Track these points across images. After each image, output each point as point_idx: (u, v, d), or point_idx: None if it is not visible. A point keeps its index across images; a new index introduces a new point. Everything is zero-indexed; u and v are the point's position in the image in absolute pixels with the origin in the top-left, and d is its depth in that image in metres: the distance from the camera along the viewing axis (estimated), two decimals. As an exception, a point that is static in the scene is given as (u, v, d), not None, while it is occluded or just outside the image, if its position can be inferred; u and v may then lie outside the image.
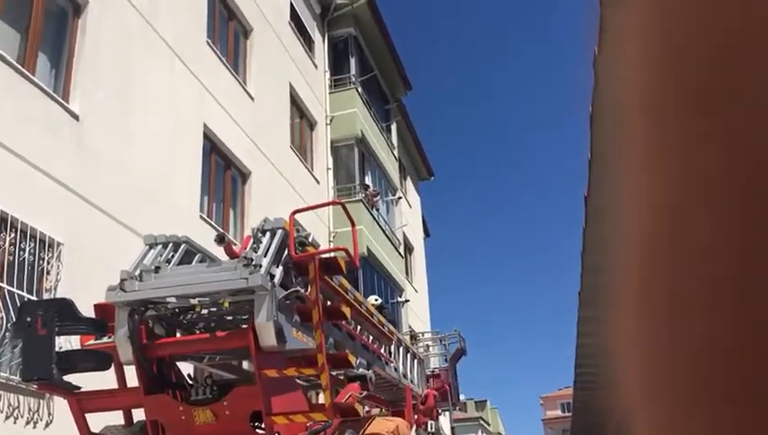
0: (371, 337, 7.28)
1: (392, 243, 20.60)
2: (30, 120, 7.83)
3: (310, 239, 5.48)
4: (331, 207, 16.12)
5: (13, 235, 7.23)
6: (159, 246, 5.37)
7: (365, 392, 6.59)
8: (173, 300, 5.07)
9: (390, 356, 8.15)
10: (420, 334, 17.79)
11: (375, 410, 8.02)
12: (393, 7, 59.60)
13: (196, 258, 5.64)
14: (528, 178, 63.85)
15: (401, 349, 8.83)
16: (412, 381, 9.13)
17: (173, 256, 5.38)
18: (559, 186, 63.89)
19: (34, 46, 8.39)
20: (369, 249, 16.96)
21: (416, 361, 9.66)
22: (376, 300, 14.09)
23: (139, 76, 10.17)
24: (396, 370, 8.31)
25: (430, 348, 14.87)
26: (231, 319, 5.25)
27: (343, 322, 6.02)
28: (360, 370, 6.48)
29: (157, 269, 5.05)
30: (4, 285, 7.01)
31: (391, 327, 8.41)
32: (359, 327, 6.84)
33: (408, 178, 27.81)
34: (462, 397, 23.09)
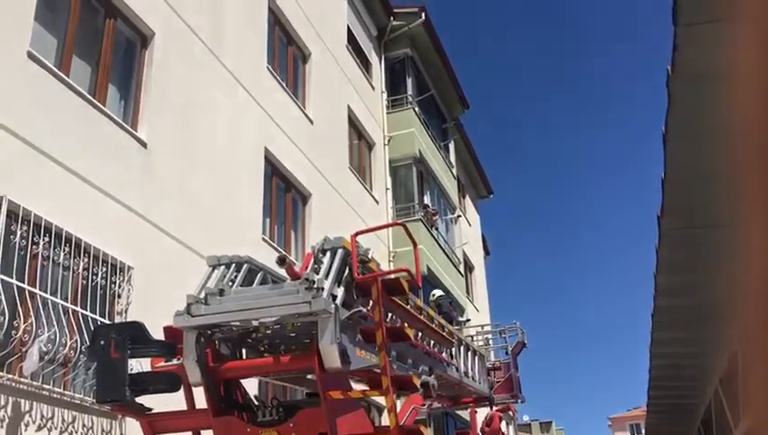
0: (432, 341, 7.24)
1: (452, 262, 20.49)
2: (101, 148, 8.14)
3: (369, 256, 5.50)
4: (390, 227, 16.15)
5: (86, 260, 7.49)
6: (222, 267, 5.49)
7: (427, 403, 6.55)
8: (238, 323, 5.16)
9: (452, 357, 8.11)
10: (480, 327, 17.69)
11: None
12: (449, 25, 59.84)
13: (258, 276, 5.72)
14: (595, 195, 62.67)
15: (461, 347, 8.77)
16: (473, 378, 9.08)
17: (236, 277, 5.48)
18: (628, 204, 62.52)
19: (104, 78, 8.74)
20: (428, 268, 16.91)
21: (476, 357, 9.59)
22: (440, 296, 14.06)
23: (202, 103, 10.47)
24: (457, 369, 8.28)
25: (490, 341, 14.74)
26: (295, 335, 5.31)
27: None
28: (423, 377, 6.45)
29: (221, 292, 5.15)
30: (79, 309, 7.26)
31: (451, 327, 8.37)
32: (419, 334, 6.80)
33: (467, 197, 27.67)
34: (526, 417, 22.64)
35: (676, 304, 6.38)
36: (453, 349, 8.21)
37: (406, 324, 6.19)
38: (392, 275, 5.46)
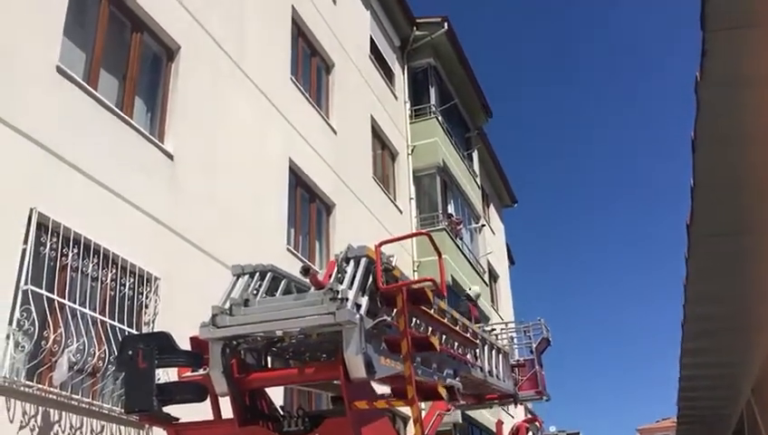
0: (456, 343, 7.19)
1: (476, 271, 20.40)
2: (128, 160, 8.25)
3: (393, 263, 5.49)
4: (415, 237, 16.13)
5: (114, 271, 7.58)
6: (247, 276, 5.51)
7: (452, 408, 6.51)
8: (262, 334, 5.17)
9: (476, 358, 8.06)
10: (504, 325, 17.59)
11: None
12: (473, 33, 59.75)
13: (282, 284, 5.73)
14: (622, 202, 62.03)
15: (485, 347, 8.71)
16: (498, 377, 9.03)
17: (260, 285, 5.50)
18: (657, 210, 61.76)
19: (132, 91, 8.86)
20: (453, 278, 16.85)
21: (500, 355, 9.53)
22: (477, 295, 13.93)
23: (228, 114, 10.58)
24: (481, 369, 8.23)
25: (514, 339, 14.67)
26: (320, 343, 5.31)
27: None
28: (448, 381, 6.41)
29: (246, 302, 5.17)
30: (107, 319, 7.34)
31: (475, 327, 8.33)
32: (443, 337, 6.76)
33: (491, 206, 27.57)
34: (553, 428, 22.39)
35: (707, 313, 6.29)
36: (477, 349, 8.16)
37: (430, 332, 6.17)
38: (417, 285, 5.43)
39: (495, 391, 9.39)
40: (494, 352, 9.16)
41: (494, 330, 12.92)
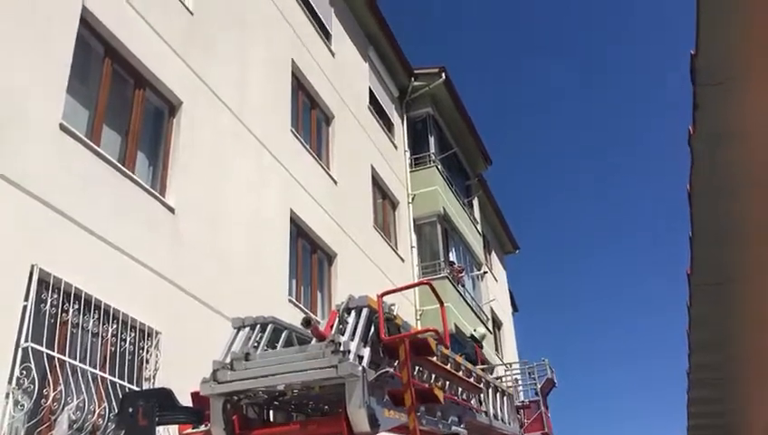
0: (460, 388, 7.09)
1: (479, 319, 20.27)
2: (130, 215, 8.29)
3: (394, 312, 5.46)
4: (416, 287, 16.08)
5: (115, 326, 7.54)
6: (247, 329, 5.47)
7: None
8: (264, 388, 5.11)
9: (480, 403, 7.93)
10: (508, 365, 17.35)
11: None
12: (470, 80, 60.61)
13: (282, 335, 5.69)
14: (623, 250, 61.92)
15: (490, 390, 8.60)
16: (503, 420, 8.89)
17: (261, 338, 5.46)
18: (658, 258, 61.59)
19: (134, 146, 8.96)
20: (456, 326, 16.73)
21: (505, 397, 9.40)
22: (482, 335, 13.77)
23: (229, 168, 10.67)
24: (486, 414, 8.10)
25: (519, 380, 14.48)
26: (322, 395, 5.24)
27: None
28: (453, 428, 6.31)
29: (247, 356, 5.13)
30: (107, 376, 7.28)
31: (479, 371, 8.24)
32: (447, 384, 6.67)
33: (493, 252, 27.55)
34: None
35: (712, 361, 6.25)
36: (482, 394, 8.06)
37: (433, 381, 6.10)
38: (420, 336, 5.40)
39: (501, 434, 9.25)
40: (498, 394, 9.06)
41: (496, 373, 12.82)
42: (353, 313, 5.13)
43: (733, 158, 3.42)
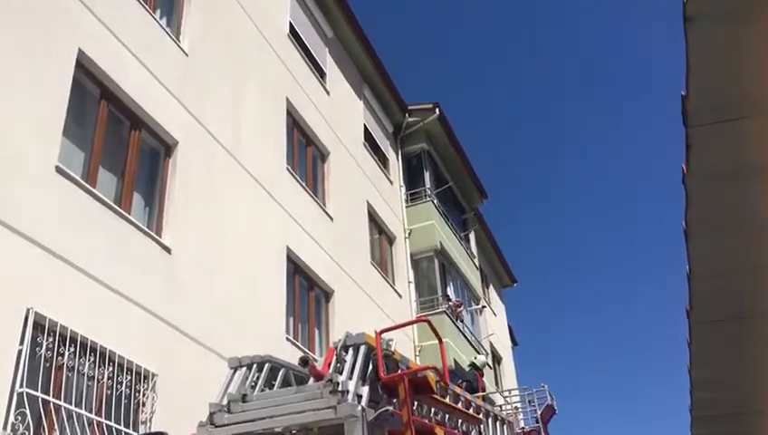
0: (460, 421, 7.01)
1: (479, 353, 20.11)
2: (126, 255, 8.27)
3: (392, 348, 5.42)
4: (415, 324, 16.00)
5: (111, 369, 7.47)
6: (244, 368, 5.43)
7: None
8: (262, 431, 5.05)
9: (481, 434, 7.85)
10: (508, 392, 17.14)
11: None
12: (464, 115, 61.13)
13: (280, 373, 5.65)
14: (622, 279, 61.76)
15: (489, 419, 8.51)
16: None
17: (258, 377, 5.41)
18: (656, 292, 61.47)
19: (130, 187, 8.98)
20: (455, 361, 16.60)
21: (505, 425, 9.30)
22: (483, 363, 13.60)
23: (225, 206, 10.68)
24: None
25: (519, 408, 14.31)
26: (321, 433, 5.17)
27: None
28: None
29: (244, 397, 5.08)
30: (103, 420, 7.18)
31: (479, 401, 8.16)
32: (446, 417, 6.59)
33: (491, 287, 27.47)
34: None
35: (714, 397, 6.21)
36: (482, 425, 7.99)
37: (433, 417, 6.04)
38: (419, 374, 5.35)
39: None
40: (498, 423, 8.99)
41: (495, 401, 12.71)
42: (351, 350, 5.10)
43: (729, 195, 3.45)
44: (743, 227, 3.74)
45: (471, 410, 7.51)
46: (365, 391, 4.81)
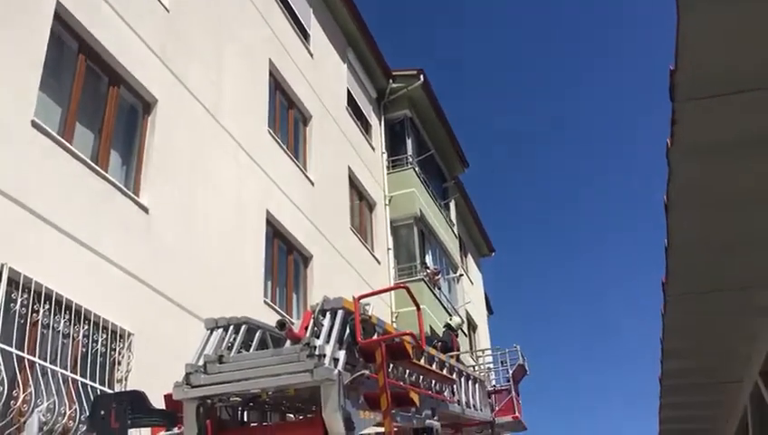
0: (434, 381, 7.12)
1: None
2: (102, 214, 8.18)
3: (369, 312, 5.45)
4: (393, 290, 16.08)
5: (86, 327, 7.43)
6: (221, 330, 5.42)
7: None
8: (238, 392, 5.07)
9: (453, 394, 8.00)
10: (481, 352, 17.47)
11: None
12: (448, 83, 60.86)
13: (256, 335, 5.66)
14: (601, 254, 62.57)
15: (462, 378, 8.68)
16: (475, 407, 9.03)
17: (234, 338, 5.42)
18: (633, 264, 62.24)
19: (107, 144, 8.85)
20: (432, 329, 16.76)
21: (476, 384, 9.51)
22: (458, 324, 13.78)
23: (204, 167, 10.57)
24: (459, 403, 8.19)
25: (491, 368, 14.65)
26: (297, 395, 5.21)
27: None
28: (427, 422, 6.33)
29: (220, 358, 5.08)
30: (78, 377, 7.16)
31: (452, 362, 8.32)
32: (420, 378, 6.69)
33: (469, 255, 27.65)
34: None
35: (684, 368, 6.34)
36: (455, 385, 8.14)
37: (408, 377, 6.11)
38: (396, 340, 5.39)
39: (473, 420, 9.36)
40: (470, 382, 9.16)
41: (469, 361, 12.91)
42: (328, 314, 5.11)
43: (711, 171, 3.48)
44: (721, 203, 3.78)
45: (445, 371, 7.62)
46: (342, 355, 4.83)
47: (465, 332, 21.94)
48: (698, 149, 3.29)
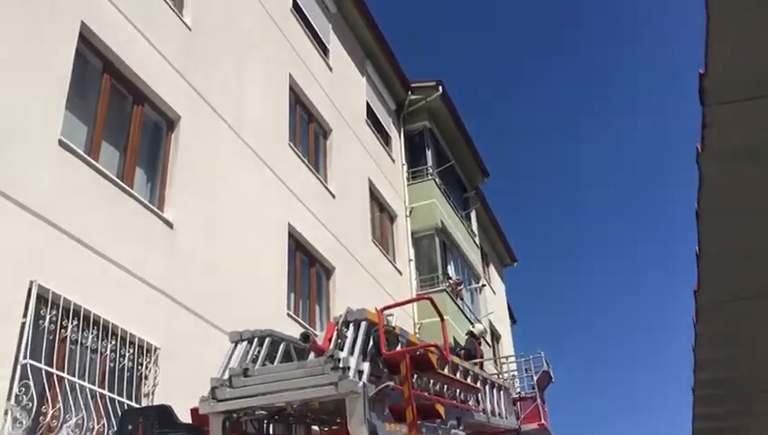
0: (458, 390, 7.10)
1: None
2: (128, 230, 8.29)
3: (393, 323, 5.46)
4: (417, 301, 16.08)
5: (113, 342, 7.52)
6: (245, 343, 5.46)
7: None
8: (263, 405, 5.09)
9: (478, 403, 7.96)
10: (505, 358, 17.37)
11: None
12: (467, 93, 60.86)
13: (281, 347, 5.69)
14: (623, 259, 61.85)
15: (486, 386, 8.64)
16: (500, 415, 8.97)
17: (259, 351, 5.44)
18: (662, 270, 61.49)
19: (132, 161, 8.97)
20: (455, 339, 16.69)
21: (501, 391, 9.44)
22: (482, 332, 13.71)
23: (227, 182, 10.68)
24: (484, 412, 8.14)
25: (516, 375, 14.54)
26: (322, 407, 5.22)
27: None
28: (452, 431, 6.31)
29: (245, 371, 5.11)
30: (106, 392, 7.24)
31: (476, 369, 8.29)
32: (445, 387, 6.67)
33: (491, 265, 27.53)
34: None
35: (717, 377, 6.25)
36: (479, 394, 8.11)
37: (432, 387, 6.11)
38: (420, 351, 5.39)
39: (498, 428, 9.30)
40: (495, 389, 9.11)
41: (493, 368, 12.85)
42: (352, 326, 5.12)
43: (742, 176, 3.43)
44: (753, 209, 3.73)
45: (469, 380, 7.60)
46: (366, 366, 4.83)
47: (489, 342, 21.82)
48: (729, 154, 3.25)
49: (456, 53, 62.04)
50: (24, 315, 6.49)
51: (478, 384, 8.08)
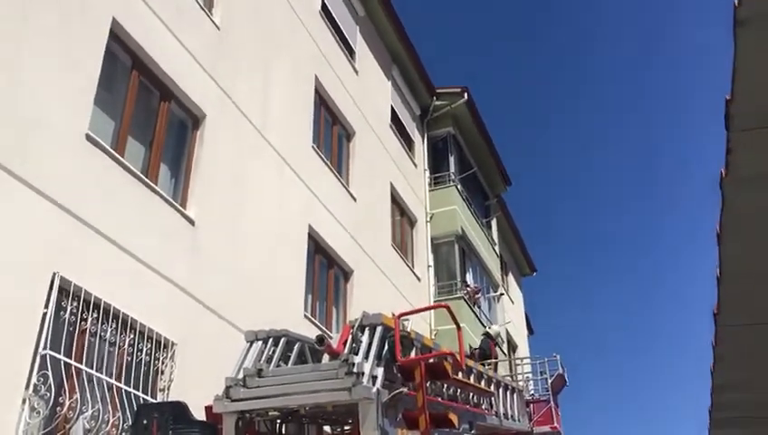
0: (471, 394, 7.07)
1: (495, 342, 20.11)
2: (151, 225, 8.36)
3: (408, 328, 5.45)
4: (434, 309, 16.03)
5: (132, 336, 7.59)
6: (260, 342, 5.49)
7: None
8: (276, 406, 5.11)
9: (491, 407, 7.93)
10: (520, 360, 17.31)
11: None
12: (492, 101, 60.69)
13: (295, 347, 5.71)
14: (642, 273, 61.21)
15: (500, 389, 8.59)
16: (513, 418, 8.92)
17: (274, 351, 5.47)
18: (681, 285, 60.86)
19: (157, 157, 9.06)
20: (470, 347, 16.63)
21: (515, 394, 9.38)
22: (497, 334, 13.65)
23: (250, 182, 10.74)
24: (497, 415, 8.10)
25: (530, 377, 14.46)
26: (335, 409, 5.23)
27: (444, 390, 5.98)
28: None
29: (259, 372, 5.13)
30: (123, 386, 7.31)
31: (490, 372, 8.25)
32: (458, 391, 6.65)
33: (510, 274, 27.39)
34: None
35: (735, 400, 6.18)
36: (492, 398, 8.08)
37: (445, 391, 6.10)
38: (435, 359, 5.38)
39: (511, 431, 9.26)
40: (508, 392, 9.07)
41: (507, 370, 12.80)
42: (367, 330, 5.12)
43: (765, 201, 3.41)
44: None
45: (483, 383, 7.57)
46: (380, 372, 4.83)
47: (504, 351, 21.70)
48: (753, 179, 3.24)
49: (484, 59, 61.89)
50: (46, 306, 6.57)
51: (492, 387, 8.05)
